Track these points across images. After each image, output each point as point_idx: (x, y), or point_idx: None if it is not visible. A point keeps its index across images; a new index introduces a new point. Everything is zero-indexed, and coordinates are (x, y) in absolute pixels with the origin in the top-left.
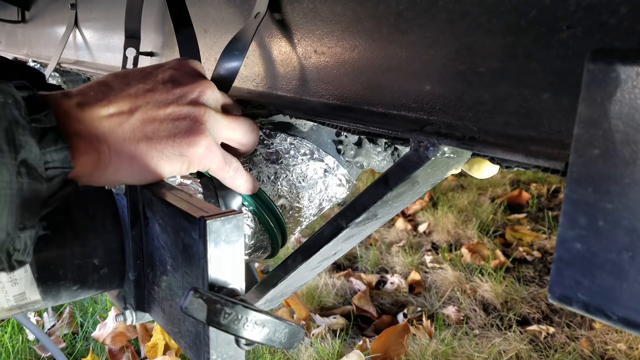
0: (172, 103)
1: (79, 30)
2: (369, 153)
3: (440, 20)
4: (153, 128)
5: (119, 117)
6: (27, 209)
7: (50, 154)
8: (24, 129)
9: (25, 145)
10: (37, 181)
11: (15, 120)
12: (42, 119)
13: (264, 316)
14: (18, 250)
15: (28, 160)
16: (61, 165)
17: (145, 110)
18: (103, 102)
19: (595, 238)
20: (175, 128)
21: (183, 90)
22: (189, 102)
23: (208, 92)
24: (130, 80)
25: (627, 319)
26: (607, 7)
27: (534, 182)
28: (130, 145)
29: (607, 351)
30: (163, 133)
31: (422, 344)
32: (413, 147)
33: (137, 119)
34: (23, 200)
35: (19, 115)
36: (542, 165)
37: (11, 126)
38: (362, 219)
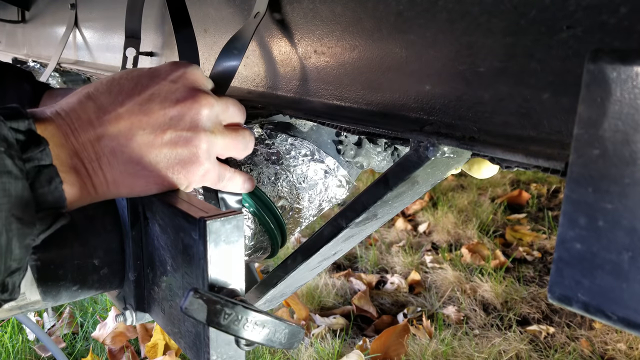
0: (169, 128)
1: (79, 30)
2: (369, 153)
3: (440, 20)
4: (151, 158)
5: (115, 141)
6: (16, 255)
7: (44, 195)
8: (16, 179)
9: (18, 195)
10: (27, 226)
11: (8, 171)
12: (37, 156)
13: (264, 316)
14: (6, 292)
15: (17, 212)
16: (54, 206)
17: (142, 137)
18: (96, 124)
19: (595, 238)
20: (174, 157)
21: (180, 111)
22: (187, 127)
23: (205, 111)
24: (123, 97)
25: (627, 319)
26: (607, 7)
27: (534, 182)
28: (128, 176)
29: (607, 351)
30: (161, 164)
31: (422, 344)
32: (413, 147)
33: (136, 145)
34: (12, 248)
35: (10, 164)
36: (542, 165)
37: (1, 177)
38: (362, 219)
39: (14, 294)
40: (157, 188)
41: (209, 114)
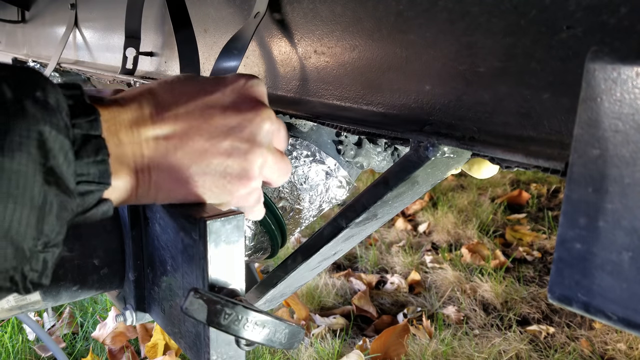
0: (228, 135)
1: (78, 30)
2: (369, 153)
3: (440, 20)
4: (203, 163)
5: (169, 141)
6: (52, 224)
7: (88, 165)
8: (59, 132)
9: (57, 151)
10: (65, 194)
11: (53, 123)
12: (85, 124)
13: (264, 317)
14: (35, 271)
15: (56, 171)
16: (97, 180)
17: (199, 140)
18: (152, 119)
19: (595, 238)
20: (226, 168)
21: (241, 120)
22: (246, 139)
23: (266, 126)
24: (185, 99)
25: (627, 319)
26: (607, 7)
27: (534, 182)
28: (171, 181)
29: (607, 351)
30: (211, 172)
31: (422, 344)
32: (413, 147)
33: (190, 149)
34: (48, 212)
35: (59, 117)
36: (542, 166)
37: (45, 128)
38: (362, 219)
39: (44, 276)
40: (196, 199)
41: (268, 129)
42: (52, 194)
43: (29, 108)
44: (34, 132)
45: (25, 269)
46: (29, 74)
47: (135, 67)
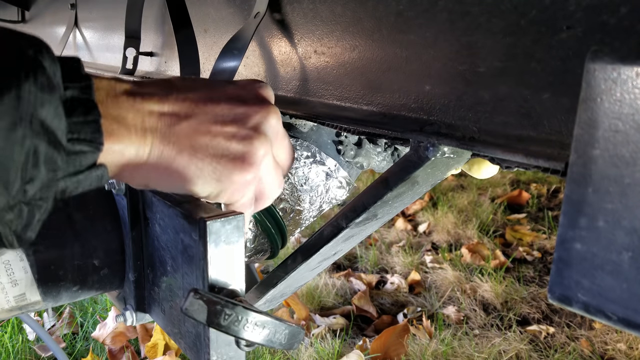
0: (231, 121)
1: (78, 30)
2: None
3: (441, 20)
4: (203, 141)
5: (171, 118)
6: (38, 174)
7: (77, 124)
8: (50, 89)
9: (46, 103)
10: (54, 148)
11: (46, 76)
12: (77, 88)
13: (264, 317)
14: (20, 221)
15: (46, 121)
16: (89, 139)
17: (201, 120)
18: (160, 97)
19: (595, 238)
20: (226, 149)
21: (247, 111)
22: (250, 127)
23: (272, 120)
24: (195, 85)
25: (627, 319)
26: (607, 7)
27: (534, 182)
28: (172, 151)
29: (607, 351)
30: (211, 150)
31: (422, 344)
32: (413, 147)
33: (189, 126)
34: (35, 162)
35: (52, 74)
36: (542, 166)
37: (36, 80)
38: (362, 219)
39: (29, 229)
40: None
41: (275, 123)
42: (42, 144)
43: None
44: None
45: (8, 216)
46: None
47: (135, 67)
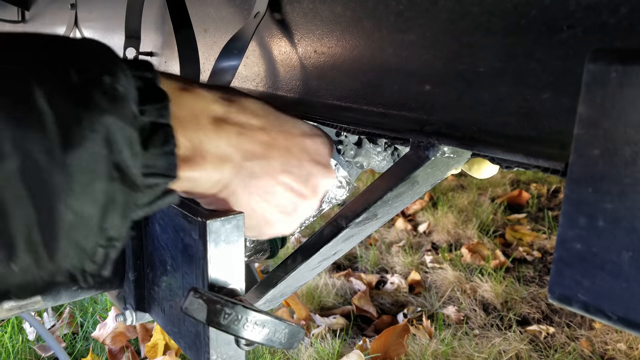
0: (297, 176)
1: (78, 30)
2: (369, 153)
3: (441, 20)
4: (268, 186)
5: (246, 153)
6: (115, 221)
7: (154, 157)
8: (126, 124)
9: (123, 145)
10: (130, 189)
11: (121, 114)
12: (154, 111)
13: (264, 316)
14: (96, 265)
15: (122, 165)
16: (164, 173)
17: (272, 165)
18: (240, 129)
19: (595, 238)
20: (282, 201)
21: (312, 170)
22: (310, 187)
23: (328, 185)
24: (265, 118)
25: (627, 319)
26: (607, 7)
27: (534, 182)
28: (238, 187)
29: (607, 351)
30: (270, 197)
31: (422, 344)
32: (413, 147)
33: (261, 167)
34: (111, 210)
35: (126, 107)
36: (542, 166)
37: (111, 120)
38: (362, 219)
39: (104, 269)
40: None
41: (327, 188)
42: (117, 190)
43: (95, 97)
44: (99, 125)
45: (86, 264)
46: (97, 52)
47: None
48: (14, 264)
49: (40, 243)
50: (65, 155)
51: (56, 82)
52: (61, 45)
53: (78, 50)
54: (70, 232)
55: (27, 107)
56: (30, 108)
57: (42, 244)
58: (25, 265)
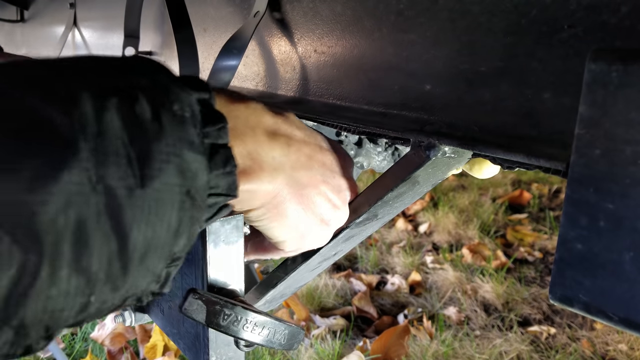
0: (332, 187)
1: (77, 29)
2: (369, 153)
3: (441, 19)
4: (311, 196)
5: (295, 165)
6: (183, 242)
7: (217, 178)
8: (195, 151)
9: (194, 172)
10: (198, 210)
11: (190, 141)
12: (214, 133)
13: (263, 317)
14: (158, 284)
15: (192, 191)
16: (225, 193)
17: (314, 175)
18: (286, 140)
19: (596, 238)
20: (320, 209)
21: (341, 182)
22: (342, 198)
23: (350, 196)
24: (304, 130)
25: (628, 319)
26: (608, 7)
27: (535, 182)
28: (288, 194)
29: (609, 352)
30: (312, 206)
31: (423, 344)
32: (414, 147)
33: (307, 177)
34: (181, 232)
35: (194, 134)
36: (544, 165)
37: (185, 149)
38: (362, 219)
39: (165, 287)
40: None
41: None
42: (187, 216)
43: (167, 127)
44: (174, 157)
45: (152, 286)
46: (162, 78)
47: None
48: (94, 296)
49: (118, 274)
50: (143, 189)
51: (132, 116)
52: (125, 70)
53: (145, 74)
54: (144, 260)
55: (108, 143)
56: (110, 145)
57: (120, 275)
58: (103, 297)
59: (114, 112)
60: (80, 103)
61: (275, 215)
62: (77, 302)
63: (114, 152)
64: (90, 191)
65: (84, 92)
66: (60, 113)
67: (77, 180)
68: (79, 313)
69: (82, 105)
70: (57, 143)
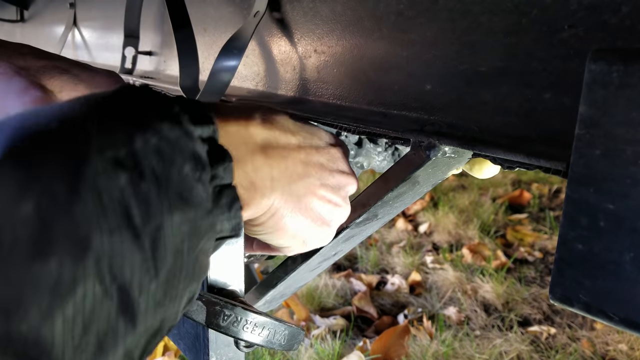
0: (332, 188)
1: (77, 29)
2: (369, 153)
3: (441, 19)
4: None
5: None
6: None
7: (222, 222)
8: (206, 214)
9: (205, 231)
10: (207, 257)
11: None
12: (220, 173)
13: (263, 318)
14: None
15: (204, 249)
16: (229, 235)
17: (312, 182)
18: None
19: (596, 239)
20: (321, 212)
21: (341, 180)
22: (342, 196)
23: (353, 191)
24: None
25: (628, 319)
26: (608, 7)
27: (535, 182)
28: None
29: (609, 352)
30: (311, 213)
31: (423, 345)
32: (414, 147)
33: (304, 186)
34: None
35: (202, 192)
36: (544, 166)
37: (194, 213)
38: (362, 219)
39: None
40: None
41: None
42: (198, 264)
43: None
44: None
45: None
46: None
47: (134, 67)
48: None
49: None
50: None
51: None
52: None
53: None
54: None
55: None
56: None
57: None
58: None
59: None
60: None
61: (274, 230)
62: None
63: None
64: (103, 297)
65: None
66: None
67: (92, 288)
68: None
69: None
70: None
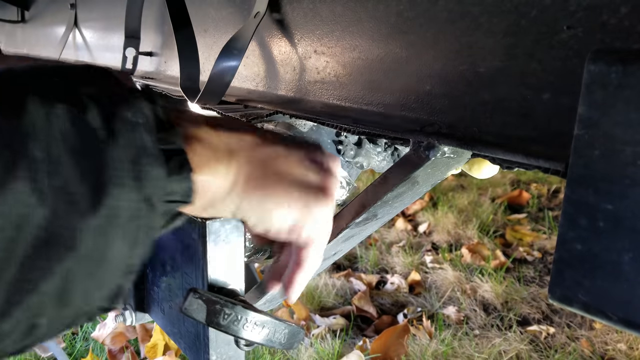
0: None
1: (78, 30)
2: (369, 153)
3: (441, 20)
4: (284, 167)
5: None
6: (136, 259)
7: (172, 184)
8: (151, 157)
9: (151, 178)
10: (154, 218)
11: (144, 146)
12: (168, 138)
13: (263, 317)
14: (109, 298)
15: (152, 198)
16: (181, 199)
17: (280, 152)
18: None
19: (595, 239)
20: (305, 177)
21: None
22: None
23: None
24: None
25: (627, 319)
26: (607, 8)
27: (534, 182)
28: (257, 172)
29: (608, 351)
30: (291, 177)
31: (422, 344)
32: (413, 147)
33: (272, 151)
34: (139, 241)
35: (148, 140)
36: (543, 166)
37: (139, 155)
38: (362, 219)
39: (116, 301)
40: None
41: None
42: (144, 224)
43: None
44: (128, 163)
45: (105, 302)
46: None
47: (135, 67)
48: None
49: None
50: (98, 197)
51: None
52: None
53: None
54: (96, 274)
55: (58, 151)
56: (62, 153)
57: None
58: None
59: (65, 119)
60: (28, 109)
61: (252, 198)
62: (23, 326)
63: (66, 161)
64: (37, 203)
65: (32, 98)
66: (5, 119)
67: (23, 190)
68: (24, 337)
69: (30, 111)
70: (3, 151)
